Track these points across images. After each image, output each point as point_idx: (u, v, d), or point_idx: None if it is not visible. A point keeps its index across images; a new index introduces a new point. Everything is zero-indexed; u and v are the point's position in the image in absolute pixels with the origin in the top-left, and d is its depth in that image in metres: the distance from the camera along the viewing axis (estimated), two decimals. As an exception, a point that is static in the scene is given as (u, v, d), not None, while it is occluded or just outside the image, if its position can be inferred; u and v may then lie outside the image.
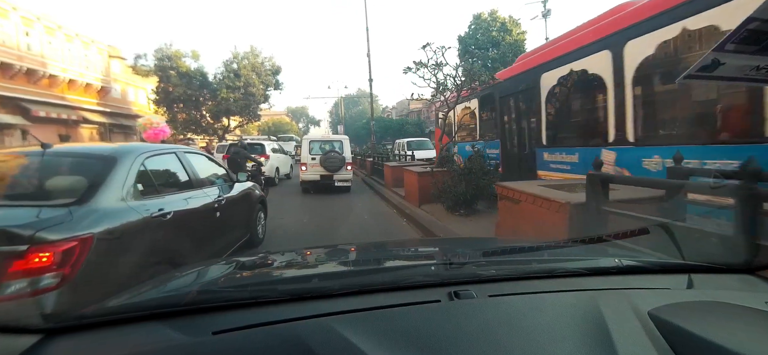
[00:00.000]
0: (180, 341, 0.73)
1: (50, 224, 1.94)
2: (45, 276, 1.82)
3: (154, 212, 2.60)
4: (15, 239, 1.79)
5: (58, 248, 1.87)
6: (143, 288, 1.08)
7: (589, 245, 1.61)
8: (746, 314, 0.77)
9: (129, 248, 2.32)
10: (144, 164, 2.79)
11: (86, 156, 2.78)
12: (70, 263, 1.90)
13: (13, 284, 1.75)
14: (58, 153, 2.71)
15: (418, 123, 45.33)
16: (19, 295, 1.77)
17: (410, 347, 0.68)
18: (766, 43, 1.43)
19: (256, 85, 24.92)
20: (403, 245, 2.26)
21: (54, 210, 2.06)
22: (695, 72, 1.63)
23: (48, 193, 2.31)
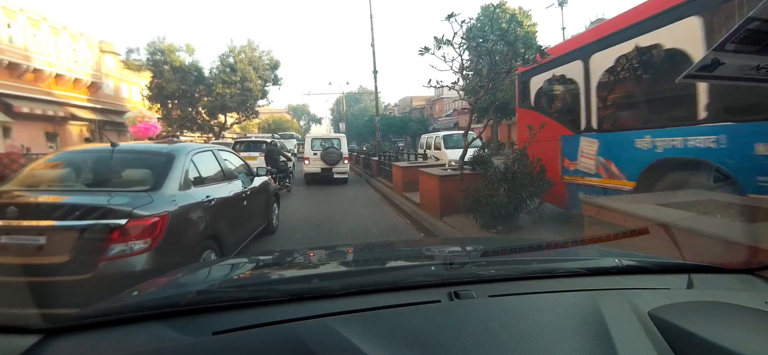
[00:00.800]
0: (180, 341, 0.73)
1: (141, 204, 2.54)
2: (138, 242, 2.42)
3: (202, 197, 3.23)
4: (118, 214, 2.40)
5: (148, 221, 2.49)
6: (143, 288, 1.08)
7: (589, 245, 1.61)
8: (746, 314, 0.77)
9: (189, 224, 2.95)
10: (192, 160, 3.38)
11: (149, 153, 3.43)
12: (155, 233, 2.51)
13: (117, 246, 2.36)
14: (124, 150, 3.35)
15: (422, 120, 44.07)
16: (122, 255, 2.36)
17: (410, 347, 0.68)
18: (766, 43, 1.43)
19: (253, 80, 23.77)
20: (403, 245, 2.26)
21: (139, 194, 2.67)
22: (695, 72, 1.63)
23: (127, 182, 2.94)
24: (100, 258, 2.32)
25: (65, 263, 2.28)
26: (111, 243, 2.34)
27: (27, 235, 2.35)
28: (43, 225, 2.36)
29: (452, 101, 49.15)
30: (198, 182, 3.34)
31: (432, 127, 43.84)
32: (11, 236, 2.35)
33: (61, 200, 2.55)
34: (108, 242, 2.34)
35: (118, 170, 3.08)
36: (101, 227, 2.35)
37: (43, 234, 2.35)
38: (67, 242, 2.33)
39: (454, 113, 44.53)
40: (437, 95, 52.81)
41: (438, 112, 50.02)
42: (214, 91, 23.20)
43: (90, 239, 2.33)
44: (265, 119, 48.67)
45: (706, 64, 1.56)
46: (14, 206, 2.39)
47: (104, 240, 2.34)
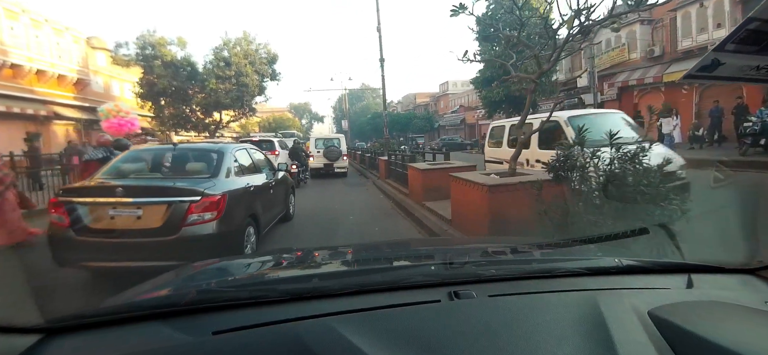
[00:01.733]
0: (180, 341, 0.73)
1: (207, 186, 3.46)
2: (207, 213, 3.33)
3: (244, 184, 4.16)
4: (194, 193, 3.31)
5: (213, 198, 3.38)
6: (143, 288, 1.08)
7: (588, 244, 1.61)
8: (746, 314, 0.77)
9: (238, 203, 3.83)
10: (234, 155, 4.36)
11: (203, 150, 4.52)
12: (219, 207, 3.40)
13: (193, 216, 3.26)
14: (183, 148, 4.56)
15: (427, 117, 42.78)
16: (197, 222, 3.27)
17: (410, 346, 0.68)
18: (766, 43, 1.44)
19: (249, 74, 21.98)
20: (403, 245, 2.26)
21: (204, 180, 3.65)
22: (696, 72, 1.63)
23: (191, 171, 3.94)
24: (181, 224, 3.23)
25: (157, 228, 3.21)
26: (189, 214, 3.25)
27: (129, 208, 3.28)
28: (140, 201, 3.28)
29: (457, 97, 47.97)
30: (239, 172, 4.27)
31: (437, 124, 42.40)
32: (117, 210, 3.28)
33: (150, 184, 3.60)
34: (187, 213, 3.25)
35: (183, 163, 4.16)
36: (181, 202, 3.26)
37: (141, 208, 3.26)
38: (157, 213, 3.24)
39: (461, 109, 43.57)
40: (442, 91, 51.60)
41: (443, 109, 49.00)
42: (207, 87, 21.55)
43: (174, 211, 3.24)
44: (265, 118, 47.85)
45: (706, 65, 1.56)
46: (120, 188, 3.33)
47: (184, 212, 3.25)
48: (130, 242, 3.19)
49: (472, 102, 41.65)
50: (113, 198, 3.27)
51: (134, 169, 4.06)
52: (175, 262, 2.54)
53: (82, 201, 3.30)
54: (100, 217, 3.27)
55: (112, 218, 3.25)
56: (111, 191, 3.33)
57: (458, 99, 46.51)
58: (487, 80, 23.44)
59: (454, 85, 49.96)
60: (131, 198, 3.27)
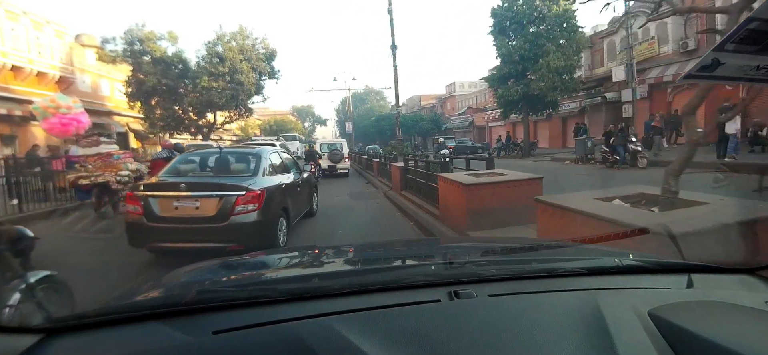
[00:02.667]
0: (180, 341, 0.73)
1: (250, 183, 4.24)
2: (250, 205, 4.07)
3: (278, 182, 4.89)
4: (239, 188, 4.09)
5: (255, 193, 4.14)
6: (143, 288, 1.08)
7: (589, 244, 1.61)
8: (746, 314, 0.77)
9: (274, 197, 4.54)
10: (269, 157, 5.15)
11: (244, 153, 5.44)
12: (259, 200, 4.14)
13: (239, 207, 4.00)
14: (227, 151, 5.27)
15: (435, 119, 41.21)
16: (242, 212, 4.00)
17: (410, 346, 0.68)
18: (766, 43, 1.44)
19: (244, 71, 20.26)
20: (403, 245, 2.26)
21: (247, 177, 4.49)
22: (695, 72, 1.64)
23: (235, 170, 4.84)
24: (230, 214, 3.99)
25: (212, 216, 3.98)
26: (236, 205, 4.01)
27: (189, 201, 4.06)
28: (197, 194, 4.06)
29: (465, 99, 46.48)
30: (273, 172, 5.03)
31: (444, 127, 41.00)
32: (180, 201, 4.08)
33: (205, 181, 4.46)
34: (234, 205, 4.00)
35: (228, 163, 4.93)
36: (230, 196, 4.01)
37: (198, 200, 4.05)
38: (211, 205, 4.02)
39: (469, 111, 42.19)
40: (449, 93, 50.17)
41: (449, 111, 47.42)
42: (198, 85, 19.76)
43: (224, 203, 4.00)
44: (266, 120, 47.18)
45: (706, 64, 1.56)
46: (183, 184, 4.14)
47: (232, 203, 4.00)
48: (190, 227, 4.01)
49: (481, 103, 40.43)
50: (177, 192, 4.10)
51: (190, 168, 5.00)
52: (225, 244, 3.91)
53: (152, 194, 4.14)
54: (166, 207, 4.07)
55: (176, 208, 4.06)
56: (175, 187, 4.18)
57: (466, 100, 45.33)
58: (504, 77, 21.92)
59: (460, 86, 48.66)
60: (191, 192, 4.08)
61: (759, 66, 1.54)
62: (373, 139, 45.13)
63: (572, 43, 20.34)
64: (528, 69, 20.93)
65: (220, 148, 5.35)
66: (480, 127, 38.71)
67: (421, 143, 40.95)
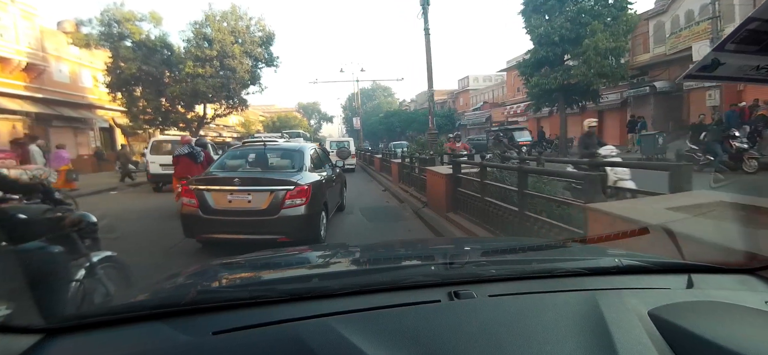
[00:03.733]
0: (180, 341, 0.73)
1: (298, 178, 4.49)
2: (299, 199, 4.30)
3: (319, 177, 5.10)
4: (288, 183, 4.34)
5: (303, 187, 4.37)
6: (143, 288, 1.08)
7: (589, 244, 1.61)
8: (746, 314, 0.77)
9: (317, 192, 4.75)
10: (309, 153, 5.40)
11: (287, 149, 5.76)
12: (307, 195, 4.38)
13: (289, 200, 4.26)
14: (271, 147, 5.61)
15: (449, 114, 37.87)
16: (292, 205, 4.24)
17: (410, 347, 0.68)
18: (766, 43, 1.44)
19: (236, 56, 17.37)
20: (403, 245, 2.27)
21: (294, 172, 4.74)
22: (695, 72, 1.64)
23: (281, 166, 5.14)
24: (281, 207, 4.24)
25: (263, 209, 4.23)
26: (286, 199, 4.26)
27: (242, 195, 4.32)
28: (250, 189, 4.33)
29: (479, 93, 43.76)
30: (313, 168, 5.20)
31: (458, 123, 37.69)
32: (234, 195, 4.32)
33: (257, 176, 4.72)
34: (284, 199, 4.25)
35: (274, 159, 5.29)
36: (281, 190, 4.28)
37: (250, 194, 4.31)
38: (263, 198, 4.27)
39: (485, 106, 38.80)
40: (462, 88, 47.27)
41: (463, 106, 43.88)
42: (182, 72, 16.90)
43: (275, 197, 4.26)
44: (269, 117, 46.08)
45: (706, 64, 1.56)
46: (237, 179, 4.41)
47: (283, 197, 4.25)
48: (243, 220, 4.27)
49: (498, 97, 37.74)
50: (231, 186, 4.35)
51: (237, 164, 5.26)
52: (275, 236, 4.12)
53: (207, 188, 4.37)
54: (221, 200, 4.32)
55: (229, 202, 4.32)
56: (230, 181, 4.43)
57: (480, 95, 42.00)
58: (540, 63, 18.36)
59: (474, 80, 45.74)
60: (243, 187, 4.34)
61: (759, 66, 1.54)
62: (381, 137, 43.54)
63: (621, 22, 16.54)
64: (568, 52, 17.74)
65: (265, 144, 5.74)
66: (496, 122, 35.95)
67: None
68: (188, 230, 4.46)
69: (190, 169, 6.88)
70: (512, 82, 33.58)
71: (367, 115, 48.21)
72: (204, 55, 17.03)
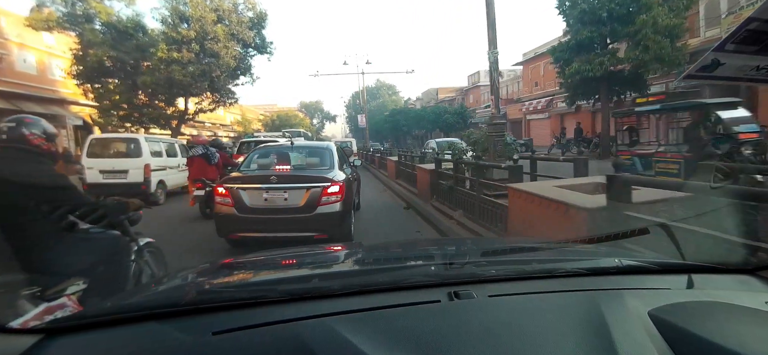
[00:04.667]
0: (180, 341, 0.73)
1: (332, 175, 4.52)
2: (334, 196, 4.30)
3: (346, 174, 5.09)
4: (324, 180, 4.35)
5: (338, 184, 4.38)
6: (143, 288, 1.08)
7: (588, 245, 1.61)
8: (746, 314, 0.77)
9: (349, 188, 4.81)
10: (336, 151, 5.39)
11: (315, 147, 6.12)
12: (342, 191, 4.38)
13: (325, 197, 4.25)
14: (298, 146, 5.73)
15: (460, 112, 34.88)
16: (328, 202, 4.24)
17: (410, 347, 0.68)
18: (766, 43, 1.44)
19: (220, 39, 14.72)
20: (403, 245, 2.27)
21: (327, 170, 4.73)
22: (695, 72, 1.64)
23: (313, 164, 5.08)
24: (317, 204, 4.24)
25: (300, 207, 4.24)
26: (322, 196, 4.26)
27: (278, 192, 4.31)
28: (286, 186, 4.32)
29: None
30: (340, 165, 5.23)
31: (470, 121, 34.98)
32: (270, 193, 4.31)
33: (293, 173, 4.66)
34: (321, 196, 4.26)
35: (304, 157, 5.33)
36: (317, 187, 4.29)
37: (286, 192, 4.30)
38: (299, 196, 4.28)
39: (500, 102, 38.10)
40: (472, 84, 45.03)
41: (473, 103, 41.29)
42: (153, 56, 14.23)
43: (312, 194, 4.26)
44: (269, 116, 44.60)
45: (706, 65, 1.56)
46: (274, 177, 4.37)
47: (319, 194, 4.26)
48: (279, 217, 4.26)
49: (513, 93, 35.51)
50: (268, 184, 4.32)
51: (267, 162, 5.06)
52: (312, 233, 4.18)
53: (242, 187, 4.34)
54: (256, 199, 4.31)
55: (265, 200, 4.30)
56: (266, 179, 4.38)
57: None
58: (579, 46, 15.44)
59: (486, 75, 43.36)
60: (281, 184, 4.32)
61: (759, 66, 1.54)
62: (386, 136, 41.61)
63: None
64: (617, 32, 14.82)
65: (292, 142, 5.90)
66: (514, 121, 33.10)
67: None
68: (222, 229, 4.40)
69: (204, 171, 6.72)
70: (529, 76, 32.08)
71: (372, 114, 45.50)
72: (180, 37, 14.35)
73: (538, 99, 28.90)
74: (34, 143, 2.06)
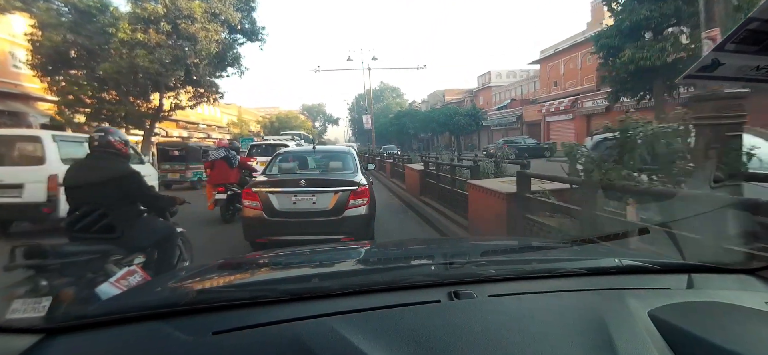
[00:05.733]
0: (180, 341, 0.73)
1: (359, 179, 4.58)
2: (361, 199, 4.37)
3: (367, 178, 5.16)
4: (351, 184, 4.41)
5: (365, 188, 4.48)
6: (143, 288, 1.08)
7: (589, 245, 1.61)
8: (746, 314, 0.77)
9: (372, 193, 4.82)
10: (356, 156, 5.65)
11: (336, 151, 6.18)
12: (368, 194, 4.50)
13: (353, 201, 4.31)
14: (320, 150, 5.99)
15: (473, 113, 32.51)
16: (355, 206, 4.30)
17: (410, 347, 0.68)
18: (766, 43, 1.44)
19: (197, 18, 12.24)
20: (403, 245, 2.27)
21: (352, 174, 4.81)
22: (695, 72, 1.64)
23: (335, 168, 5.10)
24: (346, 208, 4.31)
25: (328, 210, 4.29)
26: (350, 199, 4.33)
27: (307, 196, 4.36)
28: (315, 190, 4.37)
29: (503, 90, 38.97)
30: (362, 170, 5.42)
31: (481, 124, 33.22)
32: (298, 197, 4.35)
33: (321, 177, 4.83)
34: (349, 199, 4.33)
35: (326, 161, 5.35)
36: (345, 191, 4.35)
37: (315, 196, 4.35)
38: (328, 199, 4.33)
39: (514, 103, 34.35)
40: (482, 84, 43.14)
41: (483, 105, 39.32)
42: (113, 38, 11.89)
43: (340, 198, 4.33)
44: (268, 118, 43.90)
45: (705, 65, 1.56)
46: (303, 181, 4.43)
47: (347, 198, 4.33)
48: (308, 221, 4.29)
49: (529, 94, 34.00)
50: (297, 188, 4.37)
51: (290, 166, 5.29)
52: (339, 235, 4.19)
53: (272, 191, 4.40)
54: (285, 202, 4.36)
55: (294, 204, 4.36)
56: (296, 183, 4.43)
57: (504, 93, 38.28)
58: (628, 33, 12.92)
59: (497, 75, 41.60)
60: (310, 188, 4.38)
61: (759, 66, 1.54)
62: (390, 140, 39.82)
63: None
64: (681, 12, 12.21)
65: (314, 146, 6.31)
66: (532, 123, 31.25)
67: (451, 142, 33.75)
68: (250, 233, 4.44)
69: (226, 174, 6.66)
70: (547, 75, 30.53)
71: (376, 117, 42.49)
72: (146, 13, 11.75)
73: (561, 99, 27.48)
74: (117, 147, 2.73)
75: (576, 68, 27.48)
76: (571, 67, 27.99)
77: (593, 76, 24.34)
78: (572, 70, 27.94)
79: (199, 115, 31.07)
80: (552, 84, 30.05)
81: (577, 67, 27.40)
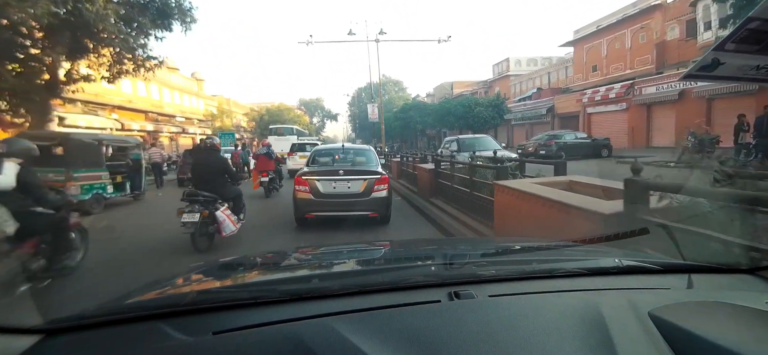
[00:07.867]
0: (180, 341, 0.73)
1: (380, 170, 6.27)
2: (383, 185, 5.95)
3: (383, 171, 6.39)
4: (376, 173, 6.05)
5: (386, 177, 6.11)
6: (143, 288, 1.08)
7: (589, 245, 1.61)
8: (746, 314, 0.77)
9: (389, 183, 6.17)
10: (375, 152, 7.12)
11: (361, 149, 7.38)
12: (387, 181, 6.10)
13: (378, 186, 5.90)
14: (347, 147, 7.39)
15: (497, 104, 28.46)
16: (379, 190, 5.88)
17: (410, 347, 0.68)
18: (766, 43, 1.44)
19: None
20: (403, 245, 2.27)
21: (374, 165, 6.42)
22: (696, 71, 1.64)
23: (362, 161, 6.63)
24: (372, 191, 5.78)
25: (360, 193, 5.77)
26: (376, 184, 5.82)
27: (343, 182, 5.81)
28: (350, 178, 5.83)
29: (523, 80, 33.51)
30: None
31: (505, 116, 29.07)
32: (337, 183, 5.79)
33: (354, 168, 6.20)
34: (374, 184, 5.81)
35: (354, 155, 6.83)
36: (372, 178, 5.85)
37: (349, 182, 5.80)
38: (359, 185, 5.80)
39: (543, 93, 29.24)
40: (498, 74, 37.63)
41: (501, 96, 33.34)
42: None
43: (368, 183, 5.80)
44: (257, 112, 40.64)
45: (706, 64, 1.56)
46: (342, 170, 5.90)
47: (373, 183, 5.81)
48: (344, 201, 5.75)
49: (559, 81, 29.15)
50: (336, 176, 5.82)
51: (325, 160, 6.73)
52: (367, 212, 5.76)
53: (318, 178, 5.82)
54: (327, 187, 5.79)
55: (334, 188, 5.79)
56: (336, 173, 5.88)
57: (526, 82, 33.35)
58: None
59: (516, 63, 36.49)
60: (344, 176, 5.83)
61: (759, 66, 1.54)
62: (393, 136, 36.73)
63: None
64: None
65: (343, 144, 7.81)
66: (566, 116, 25.94)
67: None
68: (301, 210, 5.86)
69: (267, 164, 10.13)
70: (583, 58, 25.53)
71: None
72: None
73: (607, 85, 22.21)
74: (217, 147, 5.44)
75: (624, 48, 22.59)
76: (617, 47, 23.07)
77: (649, 57, 20.63)
78: (618, 51, 22.99)
79: (177, 106, 28.46)
80: (590, 69, 25.13)
81: (625, 47, 22.51)
